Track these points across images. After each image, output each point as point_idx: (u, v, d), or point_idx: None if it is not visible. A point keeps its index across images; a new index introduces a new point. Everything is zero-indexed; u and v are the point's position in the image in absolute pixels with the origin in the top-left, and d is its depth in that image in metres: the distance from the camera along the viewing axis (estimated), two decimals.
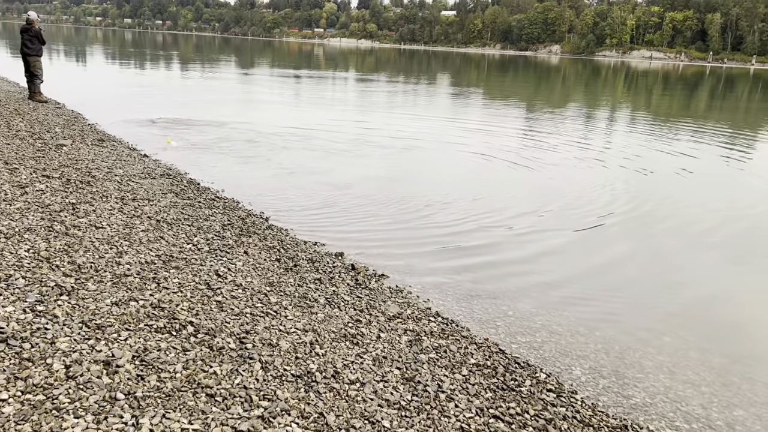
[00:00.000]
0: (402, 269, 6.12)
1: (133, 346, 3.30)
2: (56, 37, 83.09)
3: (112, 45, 71.80)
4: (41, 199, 5.81)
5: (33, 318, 3.37)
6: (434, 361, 4.08)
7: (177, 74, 32.70)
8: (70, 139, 9.63)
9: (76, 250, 4.57)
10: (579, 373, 4.37)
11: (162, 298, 4.04)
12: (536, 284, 6.01)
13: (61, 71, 28.32)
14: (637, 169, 11.99)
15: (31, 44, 13.77)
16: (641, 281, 6.35)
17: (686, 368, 4.54)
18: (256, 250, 5.77)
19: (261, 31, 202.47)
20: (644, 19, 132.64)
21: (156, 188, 7.46)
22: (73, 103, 14.96)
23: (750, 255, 7.49)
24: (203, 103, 18.82)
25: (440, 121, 18.13)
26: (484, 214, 8.25)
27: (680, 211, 9.16)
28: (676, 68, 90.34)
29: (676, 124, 20.83)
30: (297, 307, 4.53)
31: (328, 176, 9.94)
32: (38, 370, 2.88)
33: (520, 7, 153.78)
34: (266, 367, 3.45)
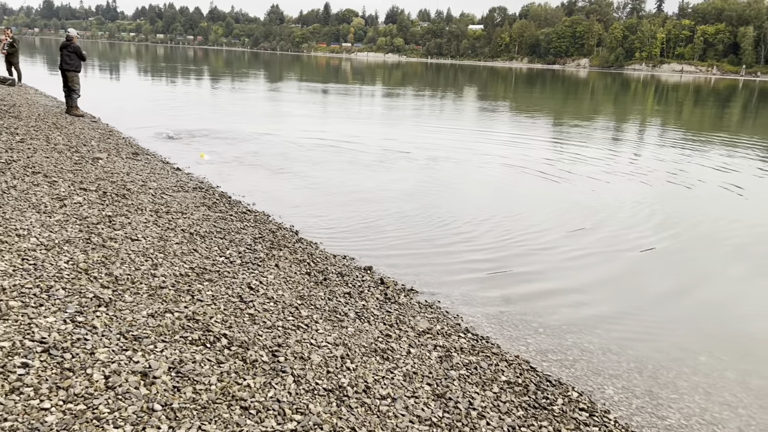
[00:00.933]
0: (431, 284, 6.12)
1: (169, 357, 3.36)
2: (91, 52, 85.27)
3: (145, 60, 73.43)
4: (79, 211, 5.95)
5: (73, 328, 3.45)
6: (465, 377, 4.07)
7: (207, 88, 33.30)
8: (106, 152, 9.86)
9: (113, 262, 4.68)
10: (612, 392, 4.31)
11: (196, 310, 4.10)
12: (567, 301, 5.96)
13: (96, 86, 29.04)
14: (669, 185, 11.82)
15: (69, 60, 14.18)
16: (675, 299, 6.25)
17: (723, 389, 4.45)
18: (287, 264, 5.83)
19: (290, 45, 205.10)
20: (675, 32, 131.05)
21: (189, 201, 7.60)
22: (108, 117, 15.33)
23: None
24: (234, 116, 19.12)
25: (469, 133, 18.13)
26: (514, 230, 8.21)
27: (715, 227, 9.00)
28: (707, 81, 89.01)
29: (710, 138, 20.50)
30: (327, 321, 4.56)
31: (357, 189, 10.01)
32: (79, 380, 2.95)
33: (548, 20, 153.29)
34: (298, 380, 3.48)
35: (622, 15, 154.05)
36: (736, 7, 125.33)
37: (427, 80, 59.07)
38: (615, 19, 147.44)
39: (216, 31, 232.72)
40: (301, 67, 76.88)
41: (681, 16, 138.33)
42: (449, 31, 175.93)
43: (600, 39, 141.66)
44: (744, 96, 54.04)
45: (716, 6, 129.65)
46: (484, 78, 71.92)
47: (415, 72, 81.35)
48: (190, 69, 54.81)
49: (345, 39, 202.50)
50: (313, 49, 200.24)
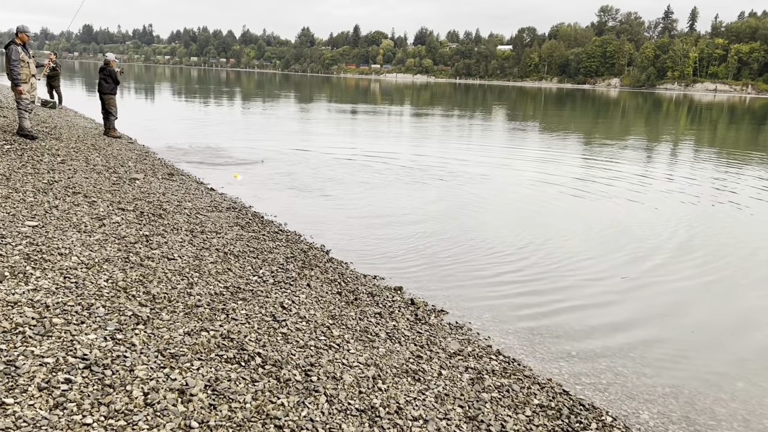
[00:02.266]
0: (461, 305, 6.11)
1: (205, 375, 3.43)
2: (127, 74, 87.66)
3: (179, 82, 75.17)
4: (117, 230, 6.12)
5: (113, 346, 3.55)
6: (497, 400, 4.05)
7: (239, 109, 33.91)
8: (142, 173, 10.11)
9: (150, 281, 4.80)
10: (647, 417, 4.24)
11: (231, 329, 4.18)
12: (600, 323, 5.89)
13: (133, 107, 29.81)
14: (707, 207, 11.62)
15: (106, 83, 14.64)
16: (711, 322, 6.12)
17: (762, 417, 4.34)
18: (318, 283, 5.89)
19: (320, 67, 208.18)
20: (708, 51, 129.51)
21: (223, 221, 7.74)
22: (144, 138, 15.73)
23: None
24: (266, 136, 19.43)
25: (499, 153, 18.10)
26: (546, 250, 8.16)
27: (753, 248, 8.81)
28: (742, 101, 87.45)
29: (747, 159, 20.10)
30: (359, 341, 4.59)
31: (388, 209, 10.06)
32: (119, 397, 3.03)
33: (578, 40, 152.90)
34: (331, 400, 3.51)
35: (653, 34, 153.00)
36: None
37: (456, 100, 59.24)
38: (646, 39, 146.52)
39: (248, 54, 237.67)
40: (331, 89, 77.84)
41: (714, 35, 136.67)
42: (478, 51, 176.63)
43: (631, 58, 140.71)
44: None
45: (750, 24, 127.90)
46: (514, 98, 71.84)
47: (443, 92, 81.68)
48: (223, 90, 55.94)
49: (374, 61, 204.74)
50: (342, 70, 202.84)
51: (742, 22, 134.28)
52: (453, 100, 59.14)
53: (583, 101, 69.47)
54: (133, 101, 35.13)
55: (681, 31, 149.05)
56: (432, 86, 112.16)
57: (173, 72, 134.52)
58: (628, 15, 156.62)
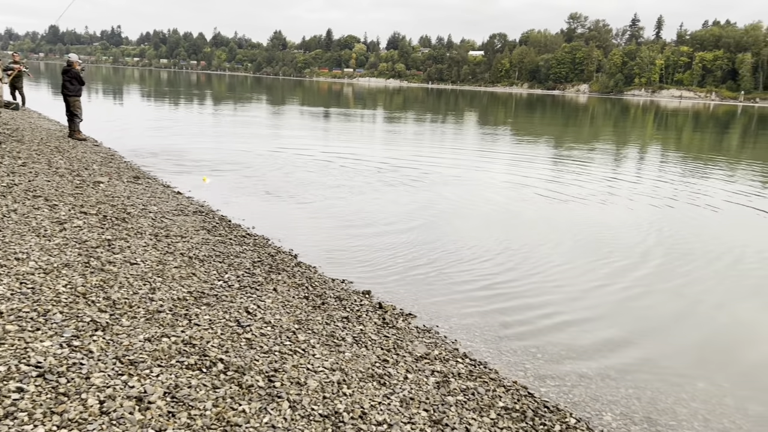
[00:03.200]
0: (430, 308, 6.11)
1: (165, 382, 3.36)
2: (95, 76, 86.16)
3: (149, 84, 74.12)
4: (79, 235, 5.98)
5: (69, 353, 3.45)
6: (462, 403, 4.05)
7: (210, 112, 33.55)
8: (107, 176, 9.92)
9: (111, 286, 4.69)
10: (610, 418, 4.28)
11: (193, 334, 4.10)
12: (565, 326, 5.94)
13: (100, 110, 29.28)
14: (670, 209, 11.84)
15: (70, 85, 14.36)
16: (674, 324, 6.23)
17: (722, 416, 4.42)
18: (285, 288, 5.84)
19: (292, 71, 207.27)
20: (673, 58, 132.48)
21: (189, 225, 7.63)
22: (111, 141, 15.45)
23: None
24: (236, 139, 19.23)
25: (470, 158, 18.21)
26: (513, 254, 8.22)
27: (716, 252, 9.00)
28: (706, 107, 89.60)
29: (709, 162, 20.58)
30: (325, 346, 4.55)
31: (358, 212, 10.03)
32: (73, 405, 2.94)
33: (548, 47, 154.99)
34: (294, 406, 3.47)
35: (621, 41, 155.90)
36: (734, 34, 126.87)
37: (429, 105, 59.50)
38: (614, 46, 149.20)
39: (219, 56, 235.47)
40: (304, 92, 77.55)
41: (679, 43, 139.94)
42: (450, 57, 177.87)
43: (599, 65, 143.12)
44: (743, 122, 54.36)
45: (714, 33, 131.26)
46: (485, 103, 72.46)
47: (416, 97, 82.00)
48: (193, 93, 55.30)
49: (347, 64, 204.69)
50: (315, 74, 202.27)
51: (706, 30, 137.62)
52: (425, 105, 59.41)
53: (553, 107, 70.41)
54: (100, 103, 34.50)
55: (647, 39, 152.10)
56: (405, 91, 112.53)
57: (142, 74, 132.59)
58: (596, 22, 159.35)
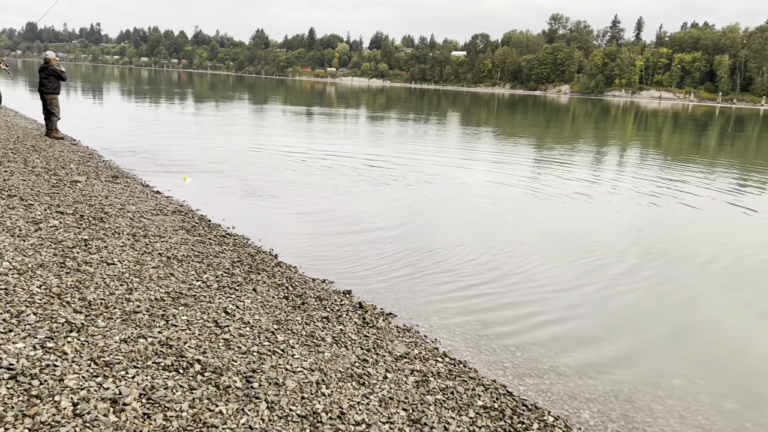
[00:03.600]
0: (410, 308, 6.12)
1: (141, 383, 3.32)
2: (74, 74, 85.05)
3: (129, 82, 73.35)
4: (54, 235, 5.89)
5: (42, 355, 3.40)
6: (441, 402, 4.05)
7: (191, 111, 33.28)
8: (85, 175, 9.79)
9: (87, 287, 4.63)
10: (588, 416, 4.32)
11: (170, 335, 4.06)
12: (544, 325, 5.98)
13: (78, 108, 28.92)
14: (649, 208, 11.98)
15: (48, 82, 14.15)
16: (651, 322, 6.30)
17: (697, 413, 4.48)
18: (265, 288, 5.81)
19: (274, 70, 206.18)
20: (653, 60, 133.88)
21: (167, 225, 7.55)
22: (89, 140, 15.26)
23: (764, 296, 7.41)
24: (217, 138, 19.09)
25: (452, 157, 18.25)
26: (494, 253, 8.25)
27: (692, 249, 9.12)
28: (685, 108, 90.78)
29: (688, 162, 20.84)
30: (304, 346, 4.53)
31: (339, 212, 10.01)
32: (46, 408, 2.90)
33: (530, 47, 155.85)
34: (272, 406, 3.45)
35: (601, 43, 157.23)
36: (712, 36, 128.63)
37: (412, 105, 59.59)
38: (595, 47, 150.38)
39: (201, 55, 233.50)
40: (286, 91, 77.21)
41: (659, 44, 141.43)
42: (433, 57, 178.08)
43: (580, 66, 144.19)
44: (721, 122, 55.17)
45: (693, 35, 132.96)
46: (467, 103, 72.73)
47: (399, 97, 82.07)
48: (174, 92, 54.82)
49: (330, 64, 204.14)
50: (297, 73, 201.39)
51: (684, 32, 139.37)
52: (409, 104, 59.48)
53: (535, 107, 70.88)
54: (79, 102, 34.07)
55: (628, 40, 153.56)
56: (387, 90, 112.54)
57: (122, 72, 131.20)
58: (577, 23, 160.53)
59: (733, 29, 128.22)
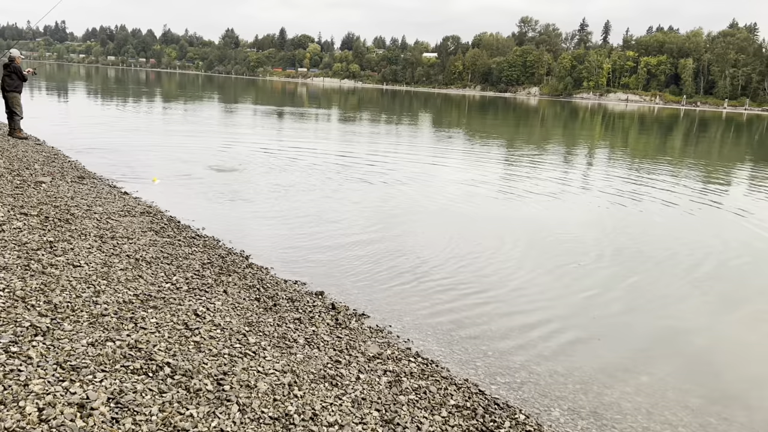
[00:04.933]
0: (383, 309, 6.12)
1: (109, 387, 3.25)
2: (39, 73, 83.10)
3: (95, 82, 71.97)
4: (18, 236, 5.75)
5: (6, 359, 3.31)
6: (414, 402, 4.06)
7: (159, 110, 32.79)
8: (50, 176, 9.58)
9: (53, 290, 4.52)
10: (558, 414, 4.37)
11: (139, 338, 3.99)
12: (516, 324, 6.04)
13: (43, 108, 28.27)
14: (619, 209, 12.19)
15: (10, 80, 13.81)
16: (619, 320, 6.41)
17: (664, 409, 4.57)
18: (236, 289, 5.75)
19: (245, 69, 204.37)
20: (620, 63, 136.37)
21: (136, 226, 7.43)
22: (54, 140, 14.92)
23: (730, 293, 7.59)
24: (186, 138, 18.85)
25: (424, 157, 18.31)
26: (466, 253, 8.30)
27: (659, 249, 9.30)
28: (651, 110, 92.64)
29: (654, 163, 21.27)
30: (276, 348, 4.50)
31: (311, 213, 9.97)
32: (10, 413, 2.82)
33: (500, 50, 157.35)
34: (243, 409, 3.42)
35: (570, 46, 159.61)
36: (677, 40, 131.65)
37: (383, 106, 59.65)
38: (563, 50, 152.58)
39: (169, 54, 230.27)
40: (257, 91, 76.60)
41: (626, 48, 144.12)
42: (404, 58, 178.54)
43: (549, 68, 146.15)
44: (685, 124, 56.46)
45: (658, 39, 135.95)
46: (439, 104, 73.10)
47: (371, 98, 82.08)
48: (142, 91, 53.96)
49: (301, 64, 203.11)
50: (268, 73, 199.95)
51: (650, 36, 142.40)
52: (380, 105, 59.54)
53: (505, 108, 71.58)
54: (44, 101, 33.31)
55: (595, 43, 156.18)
56: (359, 91, 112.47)
57: (89, 71, 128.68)
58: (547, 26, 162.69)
59: (696, 33, 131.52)
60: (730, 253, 9.45)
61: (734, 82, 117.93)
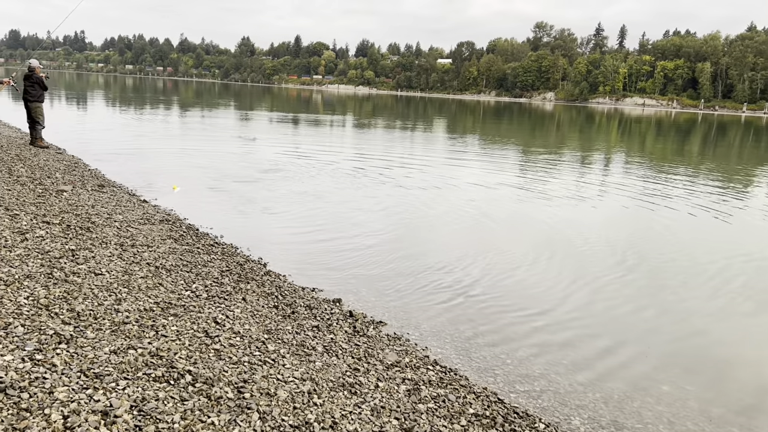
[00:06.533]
0: (400, 316, 6.12)
1: (131, 395, 3.29)
2: (58, 82, 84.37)
3: (114, 90, 72.90)
4: (41, 245, 5.83)
5: (31, 367, 3.36)
6: (433, 410, 4.06)
7: (177, 119, 33.12)
8: (71, 184, 9.71)
9: (75, 297, 4.58)
10: (578, 423, 4.34)
11: (160, 346, 4.03)
12: (535, 332, 6.01)
13: (64, 117, 28.67)
14: (640, 214, 12.09)
15: (33, 90, 14.04)
16: (640, 328, 6.35)
17: (686, 419, 4.52)
18: (254, 297, 5.78)
19: (260, 77, 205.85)
20: (636, 67, 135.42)
21: (155, 234, 7.51)
22: (75, 149, 15.14)
23: (752, 302, 7.48)
24: (205, 147, 19.02)
25: (440, 164, 18.30)
26: (484, 260, 8.28)
27: (680, 256, 9.21)
28: (668, 115, 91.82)
29: (675, 168, 21.06)
30: (295, 356, 4.52)
31: (328, 220, 10.01)
32: (36, 421, 2.86)
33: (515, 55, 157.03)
34: (264, 417, 3.43)
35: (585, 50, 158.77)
36: (694, 44, 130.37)
37: (398, 112, 59.74)
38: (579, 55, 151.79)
39: (186, 63, 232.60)
40: (272, 99, 77.10)
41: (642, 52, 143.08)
42: (419, 64, 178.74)
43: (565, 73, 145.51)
44: (703, 129, 55.86)
45: (675, 43, 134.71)
46: (454, 110, 73.05)
47: (385, 104, 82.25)
48: (160, 99, 54.54)
49: (316, 71, 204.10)
50: (284, 81, 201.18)
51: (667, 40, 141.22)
52: (395, 112, 59.62)
53: (521, 114, 71.35)
54: (64, 110, 33.80)
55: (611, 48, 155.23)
56: (374, 98, 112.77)
57: (107, 80, 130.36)
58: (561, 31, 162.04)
59: (714, 37, 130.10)
60: (756, 261, 9.32)
61: (753, 85, 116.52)
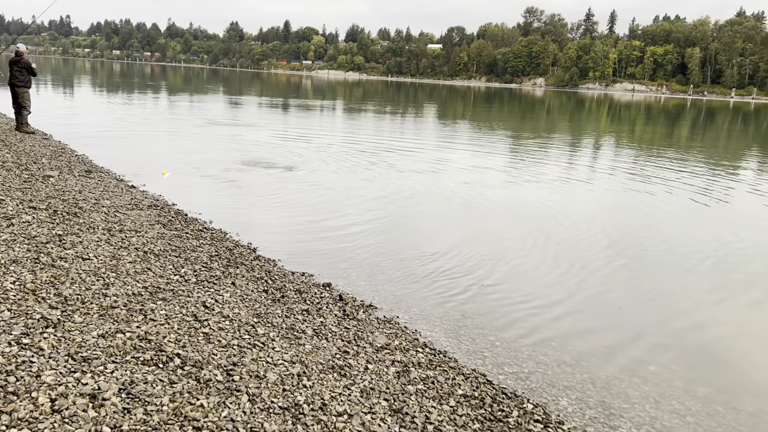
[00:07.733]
0: (390, 300, 6.14)
1: (120, 378, 3.29)
2: (44, 68, 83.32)
3: (101, 76, 72.10)
4: (27, 230, 5.79)
5: (18, 351, 3.34)
6: (422, 392, 4.08)
7: (166, 104, 32.83)
8: (57, 170, 9.62)
9: (63, 282, 4.56)
10: (566, 403, 4.38)
11: (149, 330, 4.02)
12: (523, 314, 6.05)
13: (50, 102, 28.34)
14: (626, 199, 12.15)
15: (20, 75, 13.84)
16: (626, 310, 6.40)
17: (671, 398, 4.57)
18: (244, 281, 5.78)
19: (249, 63, 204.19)
20: (626, 53, 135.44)
21: (143, 219, 7.46)
22: (61, 134, 14.98)
23: (736, 284, 7.57)
24: (193, 132, 18.88)
25: (430, 149, 18.29)
26: (473, 244, 8.30)
27: (666, 239, 9.28)
28: (658, 100, 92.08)
29: (661, 153, 21.16)
30: (284, 339, 4.53)
31: (318, 205, 9.99)
32: (23, 404, 2.86)
33: (505, 40, 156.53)
34: (253, 399, 3.44)
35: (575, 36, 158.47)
36: (683, 30, 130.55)
37: (389, 97, 59.52)
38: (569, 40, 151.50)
39: (174, 48, 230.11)
40: (262, 84, 76.58)
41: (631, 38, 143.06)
42: (409, 50, 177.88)
43: (555, 59, 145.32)
44: (692, 114, 56.11)
45: (664, 28, 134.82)
46: (444, 96, 72.87)
47: (376, 90, 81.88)
48: (148, 85, 54.01)
49: (305, 57, 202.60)
50: (273, 66, 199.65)
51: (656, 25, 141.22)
52: (386, 97, 59.39)
53: (511, 99, 71.29)
54: (50, 95, 33.40)
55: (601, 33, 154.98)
56: (364, 83, 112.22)
57: (94, 66, 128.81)
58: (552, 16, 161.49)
59: (703, 22, 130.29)
60: (740, 244, 9.41)
61: (741, 71, 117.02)
